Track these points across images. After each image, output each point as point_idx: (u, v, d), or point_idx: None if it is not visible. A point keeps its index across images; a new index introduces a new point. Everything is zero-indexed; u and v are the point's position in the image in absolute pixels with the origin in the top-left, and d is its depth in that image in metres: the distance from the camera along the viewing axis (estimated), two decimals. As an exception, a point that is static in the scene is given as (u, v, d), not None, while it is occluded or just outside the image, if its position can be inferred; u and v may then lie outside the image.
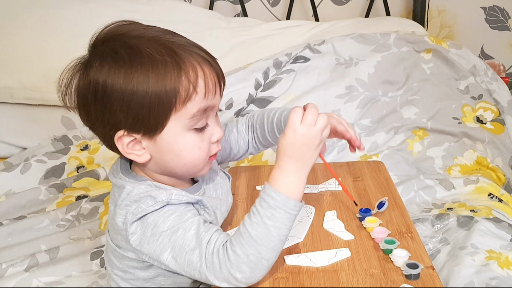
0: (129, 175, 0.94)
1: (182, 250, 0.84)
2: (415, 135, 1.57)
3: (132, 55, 0.85)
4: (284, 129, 0.87)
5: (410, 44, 1.71)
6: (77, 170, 1.57)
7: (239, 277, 0.82)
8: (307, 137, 0.86)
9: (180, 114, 0.87)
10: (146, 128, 0.87)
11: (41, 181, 1.54)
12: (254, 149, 1.12)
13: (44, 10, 1.82)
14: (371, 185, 1.12)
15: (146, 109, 0.85)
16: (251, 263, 0.82)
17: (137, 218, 0.87)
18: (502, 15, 2.12)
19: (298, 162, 0.86)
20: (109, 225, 0.95)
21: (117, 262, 0.95)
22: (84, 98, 0.88)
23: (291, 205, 0.85)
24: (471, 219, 1.25)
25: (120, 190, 0.90)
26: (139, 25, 0.92)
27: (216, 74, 0.90)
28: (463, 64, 1.69)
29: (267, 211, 0.84)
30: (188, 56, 0.87)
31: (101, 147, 1.60)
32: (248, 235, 0.83)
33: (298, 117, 0.86)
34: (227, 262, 0.82)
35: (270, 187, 0.85)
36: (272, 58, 1.70)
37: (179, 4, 1.97)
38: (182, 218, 0.86)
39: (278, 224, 0.84)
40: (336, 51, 1.71)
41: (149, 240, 0.86)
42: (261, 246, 0.82)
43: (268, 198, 0.85)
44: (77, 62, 0.91)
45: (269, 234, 0.83)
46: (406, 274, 0.86)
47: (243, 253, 0.82)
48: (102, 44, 0.89)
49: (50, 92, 1.72)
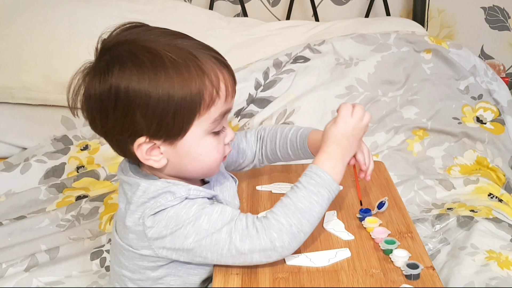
0: (139, 174, 0.93)
1: (207, 233, 0.85)
2: (415, 135, 1.57)
3: (153, 60, 0.84)
4: (336, 119, 0.93)
5: (410, 44, 1.71)
6: (77, 170, 1.57)
7: (277, 245, 0.85)
8: (356, 129, 0.93)
9: (203, 119, 0.87)
10: (168, 134, 0.87)
11: (41, 181, 1.54)
12: (258, 162, 1.12)
13: (44, 10, 1.82)
14: (371, 185, 1.12)
15: (171, 115, 0.85)
16: (292, 233, 0.85)
17: (155, 212, 0.86)
18: (502, 15, 2.12)
19: (344, 150, 0.93)
20: (119, 225, 0.94)
21: (126, 262, 0.94)
22: (102, 104, 0.86)
23: (334, 187, 0.90)
24: (471, 219, 1.26)
25: (134, 188, 0.89)
26: (149, 27, 0.91)
27: (232, 77, 0.91)
28: (463, 64, 1.69)
29: (313, 188, 0.88)
30: (207, 60, 0.87)
31: (101, 147, 1.60)
32: (294, 207, 0.86)
33: (349, 110, 0.93)
34: (268, 231, 0.85)
35: (317, 167, 0.90)
36: (272, 58, 1.70)
37: (179, 4, 1.97)
38: (203, 206, 0.88)
39: (321, 201, 0.88)
40: (336, 51, 1.71)
41: (172, 230, 0.86)
42: (304, 219, 0.86)
43: (315, 176, 0.89)
44: (85, 66, 0.89)
45: (313, 209, 0.87)
46: (406, 274, 0.86)
47: (287, 222, 0.85)
48: (117, 48, 0.87)
49: (50, 92, 1.72)
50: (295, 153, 1.07)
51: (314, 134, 1.04)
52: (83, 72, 0.89)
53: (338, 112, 0.94)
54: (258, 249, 0.85)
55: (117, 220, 0.95)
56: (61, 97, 1.72)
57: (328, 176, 0.89)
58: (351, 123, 0.93)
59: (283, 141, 1.08)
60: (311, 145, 1.04)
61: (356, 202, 1.06)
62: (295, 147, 1.06)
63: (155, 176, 0.93)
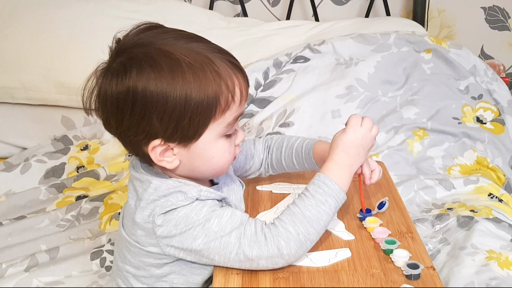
0: (151, 172, 0.94)
1: (217, 236, 0.86)
2: (415, 135, 1.57)
3: (170, 63, 0.84)
4: (345, 128, 0.95)
5: (410, 44, 1.71)
6: (77, 170, 1.57)
7: (285, 253, 0.85)
8: (365, 140, 0.95)
9: (218, 123, 0.88)
10: (183, 137, 0.88)
11: (41, 181, 1.54)
12: (264, 170, 1.12)
13: (44, 10, 1.82)
14: (371, 185, 1.12)
15: (187, 119, 0.85)
16: (299, 241, 0.86)
17: (166, 211, 0.87)
18: (502, 15, 2.12)
19: (352, 159, 0.94)
20: (127, 220, 0.94)
21: (132, 258, 0.94)
22: (118, 106, 0.86)
23: (341, 197, 0.91)
24: (471, 219, 1.26)
25: (145, 185, 0.90)
26: (165, 29, 0.91)
27: (246, 81, 0.91)
28: (463, 64, 1.69)
29: (321, 197, 0.89)
30: (223, 64, 0.87)
31: (101, 147, 1.60)
32: (302, 215, 0.87)
33: (358, 120, 0.95)
34: (276, 238, 0.85)
35: (325, 176, 0.91)
36: (272, 58, 1.70)
37: (179, 4, 1.97)
38: (214, 209, 0.88)
39: (328, 210, 0.89)
40: (336, 51, 1.71)
41: (181, 231, 0.86)
42: (312, 228, 0.87)
43: (323, 185, 0.90)
44: (99, 65, 0.89)
45: (320, 218, 0.88)
46: (407, 274, 0.86)
47: (295, 231, 0.86)
48: (133, 50, 0.87)
49: (50, 92, 1.72)
50: (300, 163, 1.08)
51: (320, 145, 1.05)
52: (96, 73, 0.89)
53: (347, 122, 0.95)
54: (266, 256, 0.85)
55: (125, 216, 0.95)
56: (61, 97, 1.73)
57: (335, 186, 0.90)
58: (360, 132, 0.94)
59: (289, 151, 1.08)
60: (316, 154, 1.05)
61: (357, 202, 1.06)
62: (300, 157, 1.07)
63: (165, 175, 0.94)
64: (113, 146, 1.57)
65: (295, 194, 1.09)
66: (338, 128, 1.54)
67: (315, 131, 1.56)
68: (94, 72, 0.89)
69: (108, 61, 0.89)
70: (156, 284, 0.94)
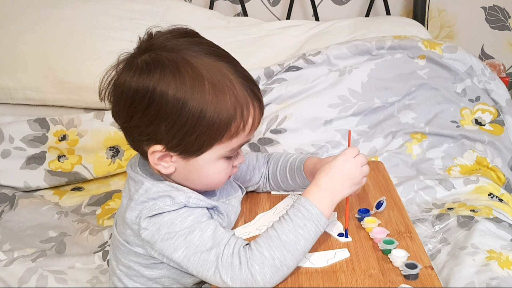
0: (147, 172, 0.94)
1: (197, 250, 0.85)
2: (413, 138, 1.55)
3: (194, 77, 0.84)
4: (337, 155, 0.93)
5: (404, 51, 1.65)
6: (59, 159, 1.56)
7: (259, 279, 0.83)
8: (353, 170, 0.92)
9: (223, 146, 0.88)
10: (185, 150, 0.88)
11: (22, 167, 1.54)
12: (262, 183, 1.11)
13: (43, 9, 1.82)
14: (370, 185, 1.12)
15: (195, 136, 0.86)
16: (274, 267, 0.83)
17: (152, 215, 0.87)
18: (502, 15, 2.12)
19: (335, 186, 0.90)
20: (119, 219, 0.95)
21: (122, 258, 0.95)
22: (132, 103, 0.86)
23: (323, 222, 0.88)
24: (471, 219, 1.25)
25: (138, 185, 0.91)
26: (201, 40, 0.90)
27: (261, 112, 0.91)
28: (458, 67, 1.64)
29: (300, 221, 0.86)
30: (244, 91, 0.88)
31: (80, 139, 1.56)
32: (278, 239, 0.84)
33: (353, 152, 0.93)
34: (250, 262, 0.83)
35: (306, 199, 0.88)
36: (263, 67, 1.66)
37: (179, 4, 1.97)
38: (199, 219, 0.87)
39: (307, 235, 0.86)
40: (330, 62, 1.65)
41: (163, 238, 0.86)
42: (288, 253, 0.84)
43: (303, 209, 0.87)
44: (124, 56, 0.89)
45: (298, 243, 0.85)
46: (405, 274, 0.86)
47: (270, 256, 0.83)
48: (161, 53, 0.86)
49: (50, 92, 1.72)
50: (292, 177, 1.06)
51: (312, 159, 1.05)
52: (117, 60, 0.89)
53: (342, 151, 0.94)
54: (239, 280, 0.83)
55: (118, 215, 0.96)
56: (60, 97, 1.73)
57: (316, 210, 0.87)
58: (351, 162, 0.92)
59: (284, 164, 1.08)
60: (306, 167, 1.04)
61: (355, 203, 1.06)
62: (293, 170, 1.06)
63: (160, 177, 0.94)
64: (92, 139, 1.54)
65: (294, 195, 1.09)
66: (330, 136, 1.54)
67: (307, 139, 1.54)
68: (116, 63, 0.89)
69: (134, 53, 0.89)
70: (148, 283, 0.95)
